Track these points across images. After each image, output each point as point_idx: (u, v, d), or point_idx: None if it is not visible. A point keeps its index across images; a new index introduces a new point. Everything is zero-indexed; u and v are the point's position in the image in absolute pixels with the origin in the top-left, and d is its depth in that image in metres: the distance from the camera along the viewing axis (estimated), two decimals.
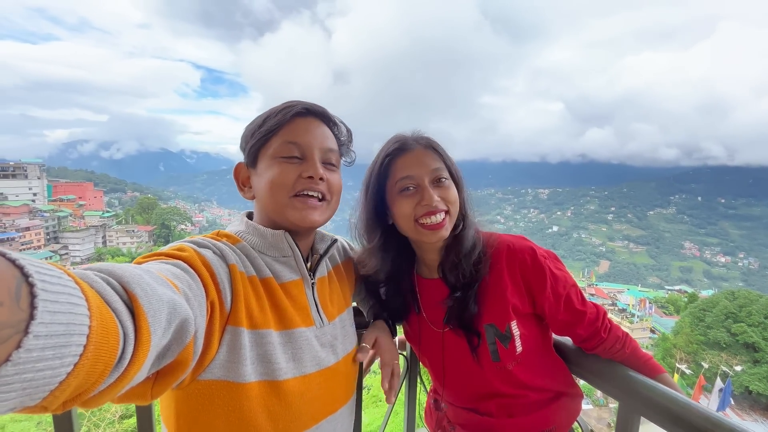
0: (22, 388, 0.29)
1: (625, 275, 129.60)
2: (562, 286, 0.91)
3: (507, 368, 0.94)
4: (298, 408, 0.75)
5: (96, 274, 0.41)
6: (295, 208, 0.79)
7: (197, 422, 0.68)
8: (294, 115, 0.81)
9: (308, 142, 0.80)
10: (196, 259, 0.65)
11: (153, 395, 0.53)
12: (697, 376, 19.69)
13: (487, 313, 0.93)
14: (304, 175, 0.79)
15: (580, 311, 0.93)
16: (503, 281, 0.92)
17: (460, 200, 0.94)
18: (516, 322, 0.92)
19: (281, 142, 0.79)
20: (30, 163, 63.82)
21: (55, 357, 0.31)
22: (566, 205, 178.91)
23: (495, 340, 0.93)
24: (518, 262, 0.91)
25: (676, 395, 0.83)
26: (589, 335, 0.96)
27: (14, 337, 0.28)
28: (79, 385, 0.35)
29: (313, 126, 0.83)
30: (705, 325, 24.60)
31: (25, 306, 0.29)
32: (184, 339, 0.51)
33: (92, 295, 0.37)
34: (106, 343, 0.36)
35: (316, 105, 0.84)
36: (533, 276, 0.91)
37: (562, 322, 0.95)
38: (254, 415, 0.69)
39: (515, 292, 0.92)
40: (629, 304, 40.19)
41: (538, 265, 0.90)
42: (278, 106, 0.83)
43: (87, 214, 61.53)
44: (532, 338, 0.95)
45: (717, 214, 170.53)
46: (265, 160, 0.80)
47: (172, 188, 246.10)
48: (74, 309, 0.33)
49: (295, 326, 0.78)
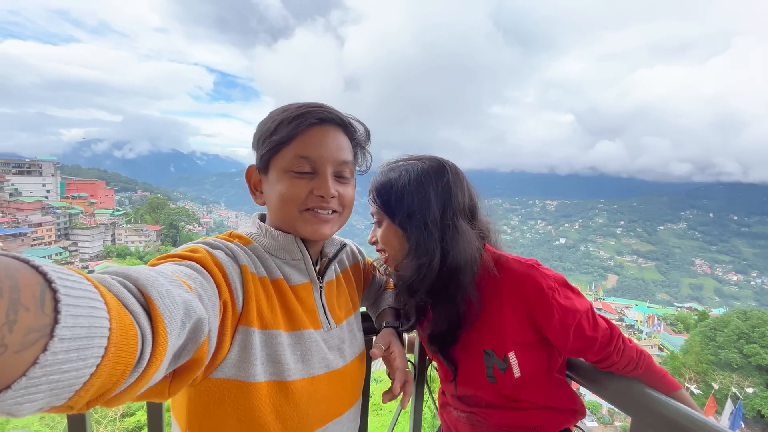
0: (49, 389, 0.31)
1: (634, 290, 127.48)
2: (572, 317, 0.87)
3: (502, 388, 0.95)
4: (305, 409, 0.75)
5: (113, 278, 0.43)
6: (305, 222, 0.79)
7: (208, 419, 0.70)
8: (308, 125, 0.78)
9: (321, 156, 0.78)
10: (209, 260, 0.66)
11: (171, 393, 0.54)
12: (706, 396, 19.20)
13: (485, 339, 0.93)
14: (316, 193, 0.78)
15: (590, 338, 0.90)
16: (503, 312, 0.90)
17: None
18: (514, 352, 0.91)
19: (293, 155, 0.77)
20: (45, 160, 65.23)
21: (79, 359, 0.32)
22: (574, 218, 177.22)
23: (492, 365, 0.93)
24: (521, 295, 0.89)
25: (692, 412, 0.80)
26: (600, 359, 0.94)
27: (40, 341, 0.29)
28: (101, 385, 0.36)
29: (328, 137, 0.79)
30: (716, 344, 24.02)
31: (50, 311, 0.30)
32: (198, 338, 0.52)
33: (111, 299, 0.38)
34: (125, 345, 0.37)
35: (331, 111, 0.81)
36: (538, 311, 0.88)
37: (572, 348, 0.92)
38: (263, 414, 0.70)
39: (516, 324, 0.90)
40: (637, 320, 39.52)
41: (544, 300, 0.87)
42: (292, 110, 0.79)
43: (98, 212, 62.48)
44: (533, 364, 0.94)
45: (729, 231, 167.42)
46: (276, 171, 0.78)
47: (182, 189, 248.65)
48: (95, 312, 0.34)
49: (304, 328, 0.79)
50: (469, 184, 0.98)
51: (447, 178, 0.93)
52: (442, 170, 0.93)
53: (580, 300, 0.91)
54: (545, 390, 0.99)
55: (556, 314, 0.86)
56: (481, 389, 0.98)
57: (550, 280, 0.88)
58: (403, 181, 0.91)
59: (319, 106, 0.80)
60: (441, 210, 0.91)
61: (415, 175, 0.92)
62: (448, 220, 0.91)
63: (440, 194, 0.91)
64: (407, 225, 0.91)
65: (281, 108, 0.81)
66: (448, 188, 0.92)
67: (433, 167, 0.94)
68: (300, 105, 0.80)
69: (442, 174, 0.93)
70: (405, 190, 0.91)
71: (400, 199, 0.91)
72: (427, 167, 0.93)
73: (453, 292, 0.91)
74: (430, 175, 0.92)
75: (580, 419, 1.05)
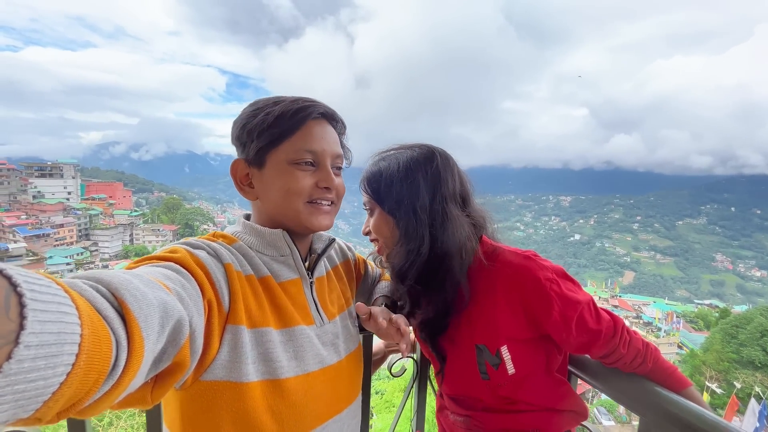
0: (14, 399, 0.29)
1: (651, 287, 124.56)
2: (572, 309, 0.84)
3: (497, 386, 0.92)
4: (302, 407, 0.74)
5: (84, 282, 0.41)
6: (310, 214, 0.80)
7: (202, 424, 0.68)
8: (311, 119, 0.79)
9: (322, 149, 0.80)
10: (189, 260, 0.64)
11: (153, 399, 0.52)
12: (728, 395, 18.69)
13: (478, 334, 0.91)
14: (321, 185, 0.80)
15: (594, 330, 0.87)
16: (497, 305, 0.88)
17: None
18: (507, 347, 0.89)
19: (296, 148, 0.77)
20: (66, 163, 67.26)
21: (47, 367, 0.30)
22: (589, 213, 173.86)
23: (484, 361, 0.91)
24: (518, 288, 0.86)
25: (703, 411, 0.78)
26: (606, 353, 0.91)
27: (4, 348, 0.27)
28: (72, 395, 0.34)
29: (326, 131, 0.82)
30: (738, 342, 23.31)
31: (15, 316, 0.28)
32: (179, 341, 0.50)
33: (82, 304, 0.36)
34: (98, 352, 0.35)
35: (327, 106, 0.83)
36: (536, 304, 0.85)
37: (575, 343, 0.89)
38: (258, 414, 0.69)
39: (511, 318, 0.88)
40: (655, 317, 38.67)
41: (543, 292, 0.84)
42: (287, 103, 0.79)
43: (116, 213, 64.17)
44: (529, 362, 0.92)
45: (752, 225, 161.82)
46: (276, 164, 0.78)
47: (196, 189, 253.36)
48: (65, 318, 0.32)
49: (296, 324, 0.77)
50: (461, 171, 0.98)
51: (436, 164, 0.92)
52: (431, 156, 0.93)
53: (581, 292, 0.88)
54: (545, 390, 0.96)
55: (556, 306, 0.84)
56: (474, 387, 0.96)
57: (548, 272, 0.86)
58: (392, 169, 0.92)
59: (315, 101, 0.82)
60: (430, 196, 0.90)
61: (404, 162, 0.92)
62: (438, 206, 0.90)
63: (429, 180, 0.91)
64: (397, 211, 0.91)
65: (269, 100, 0.81)
66: (438, 174, 0.92)
67: (422, 154, 0.94)
68: (294, 98, 0.80)
69: (431, 160, 0.93)
70: (394, 177, 0.91)
71: (390, 187, 0.91)
72: (416, 154, 0.93)
73: (442, 277, 0.90)
74: (419, 162, 0.92)
75: (581, 421, 1.02)
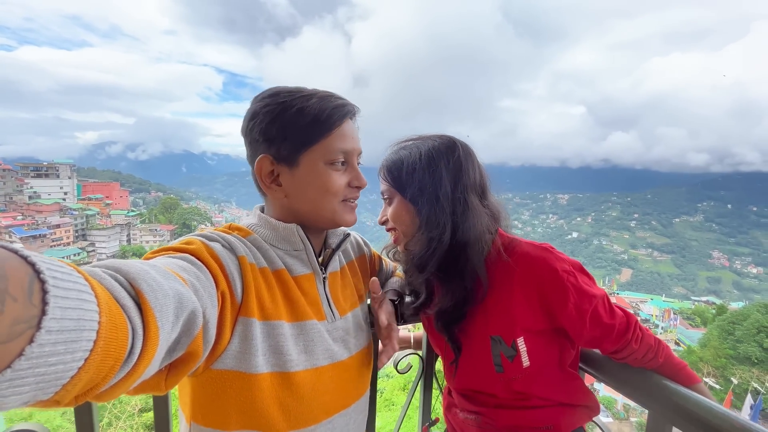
0: (35, 382, 0.30)
1: (649, 284, 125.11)
2: (588, 302, 0.85)
3: (511, 379, 0.92)
4: (309, 400, 0.75)
5: (104, 271, 0.42)
6: (344, 212, 0.82)
7: (211, 410, 0.70)
8: (345, 118, 0.80)
9: (354, 148, 0.81)
10: (204, 252, 0.65)
11: (167, 386, 0.54)
12: (725, 391, 18.81)
13: (493, 325, 0.91)
14: (354, 185, 0.82)
15: (608, 325, 0.87)
16: (514, 296, 0.89)
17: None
18: (523, 338, 0.89)
19: (332, 149, 0.78)
20: (62, 163, 66.76)
21: (67, 351, 0.32)
22: (587, 211, 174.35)
23: (500, 353, 0.91)
24: (535, 278, 0.87)
25: (712, 404, 0.79)
26: (618, 348, 0.91)
27: (27, 333, 0.29)
28: (90, 380, 0.36)
29: (354, 129, 0.83)
30: (735, 338, 23.46)
31: (37, 302, 0.30)
32: (192, 331, 0.52)
33: (101, 292, 0.37)
34: (115, 339, 0.36)
35: (353, 104, 0.83)
36: (552, 295, 0.86)
37: (588, 337, 0.89)
38: (266, 405, 0.70)
39: (527, 309, 0.88)
40: (652, 314, 38.78)
41: (559, 283, 0.85)
42: (321, 101, 0.77)
43: (113, 213, 63.78)
44: (543, 354, 0.92)
45: (748, 222, 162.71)
46: (311, 164, 0.78)
47: (194, 189, 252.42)
48: (84, 305, 0.34)
49: (308, 318, 0.78)
50: (480, 164, 0.98)
51: (458, 154, 0.93)
52: (453, 147, 0.94)
53: (596, 287, 0.89)
54: (558, 384, 0.96)
55: (571, 298, 0.84)
56: (488, 380, 0.96)
57: (565, 264, 0.87)
58: (414, 158, 0.92)
59: (344, 99, 0.82)
60: (452, 185, 0.91)
61: (425, 151, 0.92)
62: (459, 195, 0.91)
63: (451, 170, 0.92)
64: (418, 199, 0.91)
65: (294, 93, 0.78)
66: (459, 164, 0.92)
67: (444, 144, 0.94)
68: (323, 94, 0.79)
69: (453, 150, 0.93)
70: (416, 165, 0.92)
71: (411, 174, 0.92)
72: (437, 144, 0.94)
73: (462, 266, 0.91)
74: (441, 152, 0.93)
75: (593, 416, 1.02)
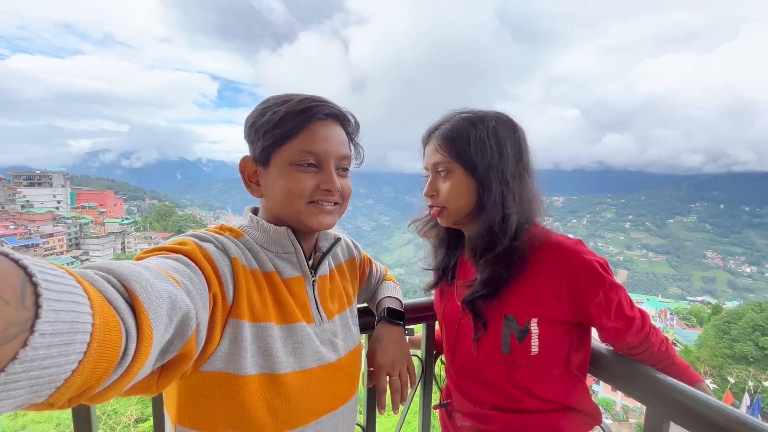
0: (29, 385, 0.30)
1: (644, 285, 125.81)
2: (615, 292, 0.87)
3: (515, 364, 0.91)
4: (298, 402, 0.75)
5: (96, 272, 0.42)
6: (311, 214, 0.80)
7: (198, 412, 0.70)
8: (314, 120, 0.78)
9: (326, 151, 0.79)
10: (198, 253, 0.65)
11: (159, 388, 0.54)
12: (722, 391, 18.87)
13: (510, 304, 0.91)
14: (322, 187, 0.79)
15: (629, 317, 0.89)
16: (541, 282, 0.88)
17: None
18: (537, 320, 0.89)
19: (299, 150, 0.77)
20: (55, 171, 66.38)
21: (60, 354, 0.31)
22: (581, 213, 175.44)
23: (510, 332, 0.90)
24: (568, 267, 0.86)
25: (709, 398, 0.80)
26: (638, 342, 0.93)
27: (20, 336, 0.28)
28: (84, 382, 0.35)
29: (332, 132, 0.80)
30: (730, 337, 23.63)
31: (30, 305, 0.29)
32: (186, 333, 0.52)
33: (94, 294, 0.37)
34: (108, 341, 0.36)
35: (334, 106, 0.82)
36: (585, 283, 0.85)
37: (612, 329, 0.90)
38: (254, 407, 0.70)
39: (552, 297, 0.87)
40: (649, 315, 38.95)
41: (594, 273, 0.85)
42: (295, 102, 0.77)
43: (107, 221, 63.32)
44: (553, 346, 0.91)
45: (741, 222, 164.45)
46: (279, 165, 0.78)
47: (189, 196, 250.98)
48: (77, 307, 0.33)
49: (296, 321, 0.78)
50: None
51: (519, 133, 0.92)
52: (514, 126, 0.92)
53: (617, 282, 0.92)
54: (562, 385, 0.95)
55: (603, 287, 0.85)
56: (491, 362, 0.95)
57: (596, 257, 0.88)
58: (481, 132, 0.88)
59: (323, 101, 0.80)
60: (514, 164, 0.90)
61: (492, 126, 0.89)
62: (519, 174, 0.91)
63: (515, 148, 0.90)
64: (486, 177, 0.89)
65: (279, 98, 0.79)
66: (519, 143, 0.91)
67: (507, 121, 0.91)
68: (302, 98, 0.79)
69: (515, 129, 0.92)
70: (486, 141, 0.88)
71: (481, 149, 0.88)
72: (503, 120, 0.91)
73: (509, 245, 0.89)
74: (507, 129, 0.90)
75: (595, 425, 1.01)
